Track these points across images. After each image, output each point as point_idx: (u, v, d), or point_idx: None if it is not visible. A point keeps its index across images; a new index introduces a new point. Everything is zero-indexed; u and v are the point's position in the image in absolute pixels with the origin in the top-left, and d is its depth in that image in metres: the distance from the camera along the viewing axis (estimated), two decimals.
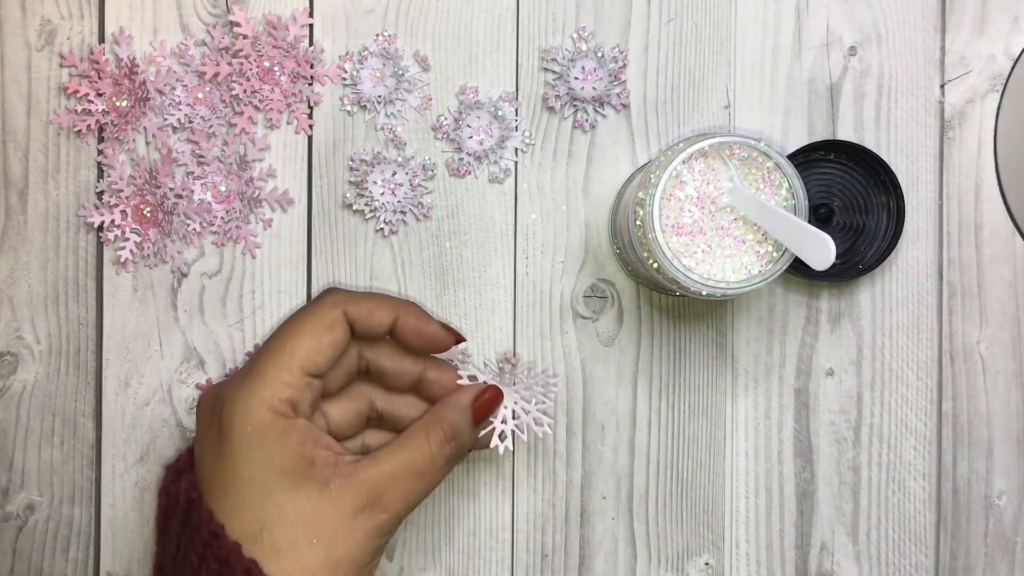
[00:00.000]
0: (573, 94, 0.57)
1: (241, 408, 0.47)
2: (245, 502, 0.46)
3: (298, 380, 0.47)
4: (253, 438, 0.46)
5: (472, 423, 0.50)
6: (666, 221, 0.49)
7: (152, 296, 0.58)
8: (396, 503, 0.47)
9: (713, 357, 0.58)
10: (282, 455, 0.46)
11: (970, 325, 0.58)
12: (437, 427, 0.49)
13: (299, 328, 0.49)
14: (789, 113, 0.58)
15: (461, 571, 0.58)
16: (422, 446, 0.49)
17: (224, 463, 0.47)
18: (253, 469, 0.46)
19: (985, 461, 0.58)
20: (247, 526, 0.46)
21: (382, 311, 0.50)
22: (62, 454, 0.58)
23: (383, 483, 0.47)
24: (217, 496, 0.47)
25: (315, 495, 0.46)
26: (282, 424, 0.46)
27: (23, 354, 0.57)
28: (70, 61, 0.57)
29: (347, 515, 0.46)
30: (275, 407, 0.47)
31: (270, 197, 0.57)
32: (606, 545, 0.58)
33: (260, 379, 0.47)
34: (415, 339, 0.51)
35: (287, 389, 0.47)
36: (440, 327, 0.51)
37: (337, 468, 0.47)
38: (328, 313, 0.49)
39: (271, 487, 0.46)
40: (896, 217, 0.56)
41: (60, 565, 0.57)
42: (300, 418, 0.47)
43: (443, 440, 0.49)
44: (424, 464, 0.48)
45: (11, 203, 0.57)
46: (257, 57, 0.57)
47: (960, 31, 0.58)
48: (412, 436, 0.49)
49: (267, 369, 0.47)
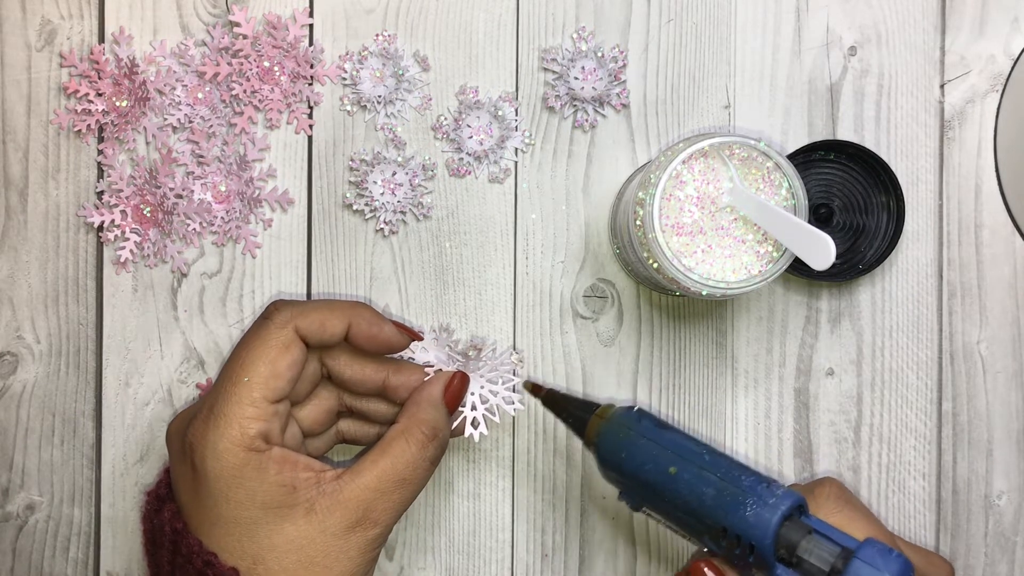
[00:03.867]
0: (573, 94, 0.57)
1: (211, 451, 0.46)
2: (233, 539, 0.45)
3: (264, 411, 0.46)
4: (231, 479, 0.45)
5: (447, 415, 0.50)
6: (666, 221, 0.49)
7: (152, 296, 0.58)
8: (385, 515, 0.47)
9: (713, 357, 0.58)
10: (263, 490, 0.45)
11: (970, 325, 0.58)
12: (416, 429, 0.48)
13: (252, 355, 0.47)
14: (789, 113, 0.58)
15: (461, 571, 0.58)
16: (403, 452, 0.48)
17: (204, 502, 0.46)
18: (235, 509, 0.45)
19: (985, 461, 0.58)
20: (238, 560, 0.45)
21: (333, 320, 0.48)
22: (62, 454, 0.58)
23: (369, 497, 0.46)
24: (203, 529, 0.46)
25: (302, 522, 0.45)
26: (256, 459, 0.45)
27: (23, 354, 0.57)
28: (70, 61, 0.57)
29: (338, 535, 0.46)
30: (247, 445, 0.45)
31: (270, 197, 0.57)
32: (606, 545, 0.58)
33: (225, 419, 0.46)
34: (369, 345, 0.49)
35: (255, 423, 0.46)
36: (394, 329, 0.50)
37: (320, 488, 0.46)
38: (278, 334, 0.47)
39: (257, 523, 0.45)
40: (896, 217, 0.56)
41: (60, 565, 0.57)
42: (274, 447, 0.46)
43: (424, 442, 0.48)
44: (407, 471, 0.47)
45: (11, 203, 0.57)
46: (257, 57, 0.57)
47: (960, 31, 0.58)
48: (391, 443, 0.48)
49: (230, 406, 0.46)
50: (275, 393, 0.47)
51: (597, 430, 0.50)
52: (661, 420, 0.49)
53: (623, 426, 0.49)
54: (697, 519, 0.46)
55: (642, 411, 0.50)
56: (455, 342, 0.56)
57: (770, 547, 0.44)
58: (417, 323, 0.58)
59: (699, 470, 0.46)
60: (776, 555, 0.44)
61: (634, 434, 0.48)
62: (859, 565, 0.42)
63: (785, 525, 0.44)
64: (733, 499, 0.45)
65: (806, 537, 0.44)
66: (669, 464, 0.47)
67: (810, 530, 0.44)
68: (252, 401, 0.46)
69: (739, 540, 0.44)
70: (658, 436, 0.48)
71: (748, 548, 0.44)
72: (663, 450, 0.47)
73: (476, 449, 0.58)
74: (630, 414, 0.49)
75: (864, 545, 0.43)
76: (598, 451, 0.50)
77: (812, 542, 0.44)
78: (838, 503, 0.49)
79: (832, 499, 0.49)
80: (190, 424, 0.47)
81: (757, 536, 0.44)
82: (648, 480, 0.47)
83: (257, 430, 0.46)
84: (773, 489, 0.45)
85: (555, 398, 0.52)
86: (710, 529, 0.46)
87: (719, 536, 0.45)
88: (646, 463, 0.47)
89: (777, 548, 0.44)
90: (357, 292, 0.58)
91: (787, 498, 0.44)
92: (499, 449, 0.58)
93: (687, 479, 0.46)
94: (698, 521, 0.46)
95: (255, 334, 0.48)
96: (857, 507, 0.49)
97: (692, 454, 0.47)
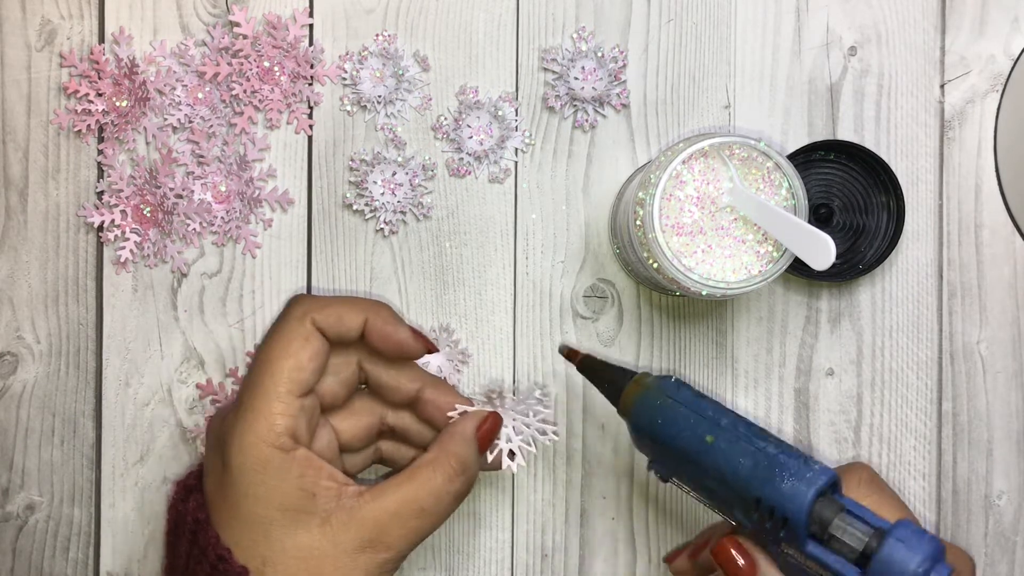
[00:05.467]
0: (573, 94, 0.57)
1: (238, 445, 0.46)
2: (247, 536, 0.46)
3: (290, 406, 0.47)
4: (253, 474, 0.46)
5: (478, 452, 0.50)
6: (666, 221, 0.49)
7: (152, 296, 0.58)
8: (399, 541, 0.46)
9: (713, 357, 0.58)
10: (282, 491, 0.46)
11: (970, 325, 0.58)
12: (446, 461, 0.48)
13: (274, 350, 0.48)
14: (789, 113, 0.58)
15: (461, 571, 0.58)
16: (428, 481, 0.47)
17: (227, 495, 0.46)
18: (254, 505, 0.46)
19: (985, 461, 0.58)
20: (249, 559, 0.46)
21: (351, 315, 0.49)
22: (62, 454, 0.58)
23: (385, 520, 0.46)
24: (222, 523, 0.47)
25: (316, 531, 0.46)
26: (280, 458, 0.46)
27: (23, 354, 0.57)
28: (70, 61, 0.57)
29: (348, 552, 0.46)
30: (272, 441, 0.46)
31: (270, 197, 0.57)
32: (606, 545, 0.58)
33: (252, 412, 0.46)
34: (384, 344, 0.50)
35: (281, 418, 0.46)
36: (410, 333, 0.50)
37: (340, 502, 0.46)
38: (297, 327, 0.48)
39: (272, 523, 0.46)
40: (896, 217, 0.56)
41: (60, 565, 0.57)
42: (300, 448, 0.47)
43: (452, 475, 0.48)
44: (428, 501, 0.47)
45: (11, 203, 0.57)
46: (257, 57, 0.57)
47: (960, 31, 0.58)
48: (419, 470, 0.48)
49: (256, 400, 0.47)
50: (300, 386, 0.47)
51: (634, 396, 0.49)
52: (698, 391, 0.49)
53: (661, 393, 0.48)
54: (731, 489, 0.45)
55: (680, 381, 0.49)
56: (455, 342, 0.56)
57: (804, 521, 0.43)
58: (417, 323, 0.58)
59: (736, 440, 0.46)
60: (808, 531, 0.43)
61: (672, 401, 0.48)
62: (893, 544, 0.42)
63: (819, 501, 0.43)
64: (769, 471, 0.44)
65: (839, 515, 0.43)
66: (706, 433, 0.46)
67: (843, 508, 0.44)
68: (278, 396, 0.47)
69: (772, 513, 0.44)
70: (697, 405, 0.47)
71: (781, 522, 0.44)
72: (700, 419, 0.47)
73: None
74: (668, 383, 0.49)
75: (898, 526, 0.43)
76: (633, 419, 0.49)
77: (846, 520, 0.43)
78: (870, 487, 0.49)
79: (864, 484, 0.49)
80: (224, 418, 0.48)
81: (792, 510, 0.43)
82: (684, 448, 0.47)
83: (284, 425, 0.46)
84: (810, 464, 0.44)
85: (592, 364, 0.52)
86: (743, 500, 0.45)
87: (751, 508, 0.45)
88: (684, 431, 0.47)
89: (810, 524, 0.43)
90: (357, 292, 0.58)
91: (823, 474, 0.44)
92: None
93: (723, 448, 0.46)
94: (731, 492, 0.45)
95: (276, 329, 0.49)
96: (888, 493, 0.49)
97: (730, 424, 0.46)
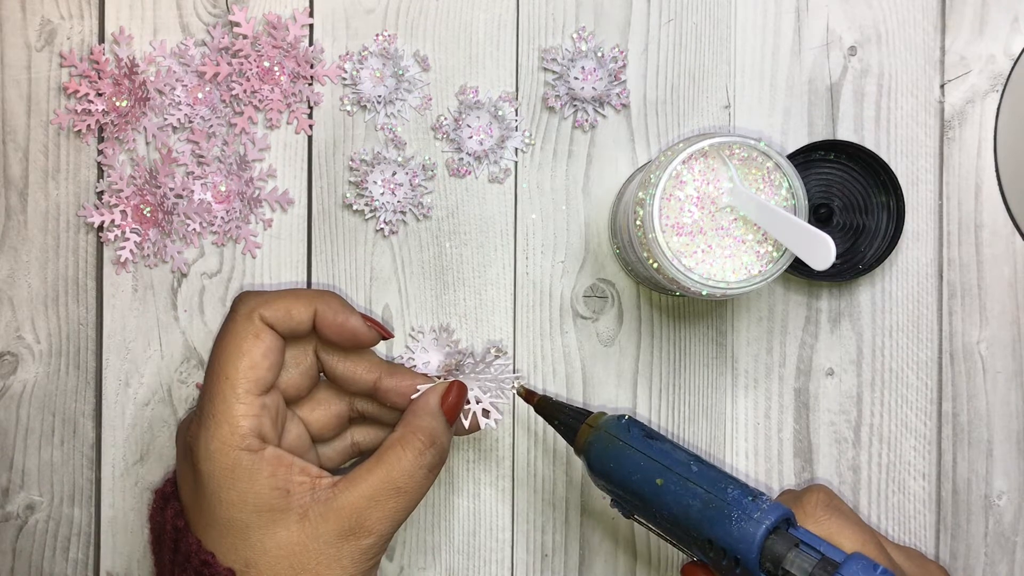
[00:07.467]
0: (573, 94, 0.57)
1: (204, 452, 0.46)
2: (227, 541, 0.45)
3: (251, 406, 0.46)
4: (223, 480, 0.45)
5: (446, 424, 0.49)
6: (666, 221, 0.49)
7: (152, 296, 0.58)
8: (379, 524, 0.46)
9: (713, 357, 0.58)
10: (255, 492, 0.45)
11: (970, 325, 0.58)
12: (412, 437, 0.48)
13: (226, 351, 0.47)
14: (789, 113, 0.58)
15: (461, 571, 0.58)
16: (399, 460, 0.47)
17: (202, 502, 0.46)
18: (229, 510, 0.45)
19: (985, 461, 0.58)
20: (233, 563, 0.45)
21: (298, 307, 0.48)
22: (62, 454, 0.58)
23: (363, 506, 0.46)
24: (201, 529, 0.46)
25: (295, 528, 0.45)
26: (249, 460, 0.45)
27: (23, 354, 0.57)
28: (70, 61, 0.57)
29: (330, 543, 0.45)
30: (238, 444, 0.45)
31: (270, 197, 0.57)
32: (606, 545, 0.58)
33: (214, 418, 0.46)
34: (336, 334, 0.49)
35: (244, 420, 0.46)
36: (360, 321, 0.49)
37: (315, 494, 0.46)
38: (246, 325, 0.47)
39: (249, 527, 0.45)
40: (896, 217, 0.56)
41: (60, 565, 0.57)
42: (268, 447, 0.46)
43: (421, 450, 0.47)
44: (402, 479, 0.47)
45: (11, 203, 0.57)
46: (257, 57, 0.57)
47: (960, 31, 0.58)
48: (387, 452, 0.47)
49: (217, 405, 0.46)
50: (258, 384, 0.47)
51: (587, 439, 0.50)
52: (651, 429, 0.49)
53: (612, 435, 0.49)
54: (684, 531, 0.46)
55: (632, 420, 0.50)
56: (455, 342, 0.56)
57: (755, 561, 0.44)
58: (417, 323, 0.58)
59: (685, 482, 0.46)
60: (762, 568, 0.44)
61: (622, 444, 0.48)
62: None
63: (771, 538, 0.44)
64: (719, 512, 0.45)
65: (792, 550, 0.44)
66: (656, 475, 0.47)
67: (797, 543, 0.44)
68: (237, 397, 0.46)
69: (725, 553, 0.44)
70: (646, 446, 0.48)
71: (734, 561, 0.44)
72: (650, 461, 0.48)
73: (476, 449, 0.58)
74: (619, 423, 0.49)
75: (850, 560, 0.43)
76: (587, 460, 0.50)
77: (798, 555, 0.44)
78: (827, 511, 0.49)
79: (821, 507, 0.49)
80: (189, 426, 0.47)
81: (742, 550, 0.44)
82: (636, 490, 0.48)
83: (248, 427, 0.46)
84: (759, 503, 0.45)
85: (547, 406, 0.52)
86: (697, 541, 0.46)
87: (706, 548, 0.45)
88: (634, 473, 0.48)
89: (763, 561, 0.44)
90: (357, 292, 0.58)
91: (772, 512, 0.44)
92: (499, 449, 0.58)
93: (673, 490, 0.46)
94: (685, 533, 0.46)
95: (225, 330, 0.48)
96: (847, 514, 0.49)
97: (679, 465, 0.47)
